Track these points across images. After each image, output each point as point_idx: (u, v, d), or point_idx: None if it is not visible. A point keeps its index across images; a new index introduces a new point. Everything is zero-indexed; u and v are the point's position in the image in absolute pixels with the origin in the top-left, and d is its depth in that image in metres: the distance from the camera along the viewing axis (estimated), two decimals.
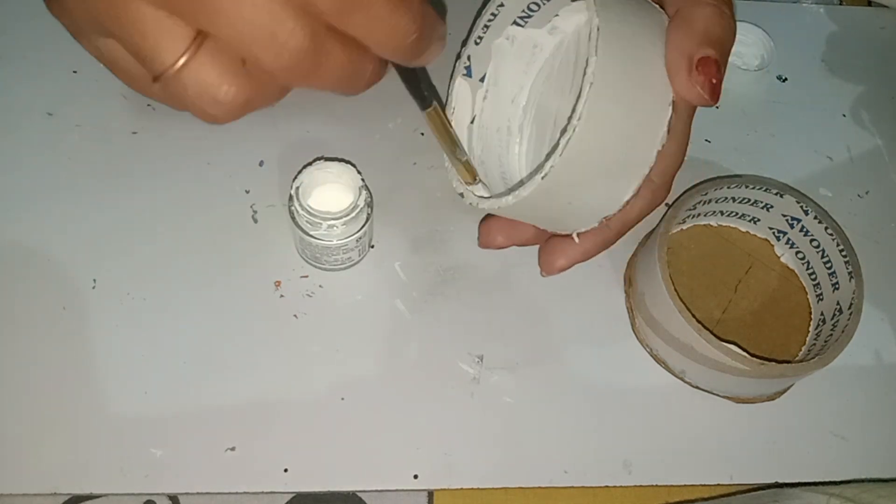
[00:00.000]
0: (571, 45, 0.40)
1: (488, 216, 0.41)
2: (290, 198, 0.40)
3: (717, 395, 0.42)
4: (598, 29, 0.30)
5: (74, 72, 0.49)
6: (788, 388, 0.43)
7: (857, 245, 0.42)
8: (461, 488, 0.39)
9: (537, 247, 0.42)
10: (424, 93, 0.32)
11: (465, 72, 0.40)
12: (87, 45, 0.27)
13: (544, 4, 0.39)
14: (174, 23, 0.23)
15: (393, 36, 0.25)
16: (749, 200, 0.45)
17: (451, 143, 0.36)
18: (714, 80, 0.32)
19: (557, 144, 0.31)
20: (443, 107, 0.37)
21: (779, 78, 0.55)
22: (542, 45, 0.41)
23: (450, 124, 0.36)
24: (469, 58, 0.40)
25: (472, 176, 0.37)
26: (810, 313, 0.45)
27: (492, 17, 0.39)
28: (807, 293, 0.45)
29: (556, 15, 0.39)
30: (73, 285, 0.42)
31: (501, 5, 0.39)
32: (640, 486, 0.40)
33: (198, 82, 0.23)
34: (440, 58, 0.29)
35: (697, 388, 0.42)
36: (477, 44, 0.40)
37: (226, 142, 0.47)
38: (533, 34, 0.40)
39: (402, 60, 0.27)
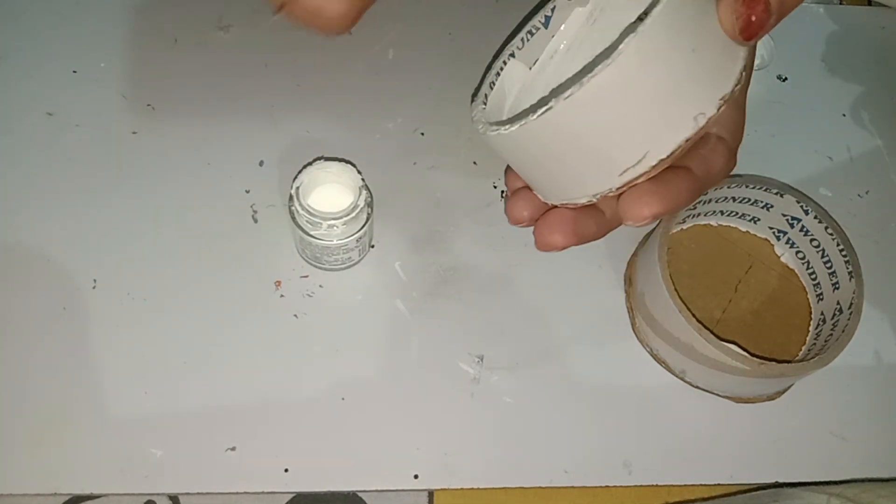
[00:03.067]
0: None
1: (544, 212, 0.33)
2: (291, 198, 0.40)
3: (717, 395, 0.42)
4: None
5: (74, 72, 0.49)
6: (788, 388, 0.43)
7: (857, 245, 0.42)
8: (461, 488, 0.39)
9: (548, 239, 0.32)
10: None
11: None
12: None
13: None
14: None
15: None
16: (749, 200, 0.45)
17: None
18: (753, 17, 0.29)
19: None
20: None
21: (779, 78, 0.55)
22: None
23: None
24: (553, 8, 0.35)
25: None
26: (810, 313, 0.45)
27: None
28: (807, 293, 0.45)
29: None
30: (73, 285, 0.42)
31: None
32: (640, 486, 0.40)
33: None
34: None
35: (697, 388, 0.42)
36: None
37: (226, 142, 0.47)
38: None
39: None
